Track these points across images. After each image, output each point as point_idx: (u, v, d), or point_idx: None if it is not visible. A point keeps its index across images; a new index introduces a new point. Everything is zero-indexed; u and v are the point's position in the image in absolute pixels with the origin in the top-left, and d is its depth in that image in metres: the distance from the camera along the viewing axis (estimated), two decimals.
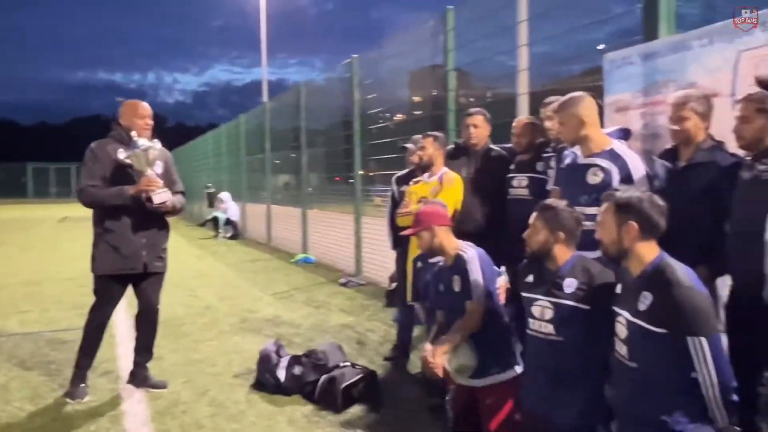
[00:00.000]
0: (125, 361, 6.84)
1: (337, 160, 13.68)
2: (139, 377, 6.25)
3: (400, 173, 7.09)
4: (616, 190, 3.63)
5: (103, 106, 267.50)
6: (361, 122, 12.07)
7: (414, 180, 6.38)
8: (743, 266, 3.84)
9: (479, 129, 6.43)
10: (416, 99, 11.97)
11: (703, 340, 3.17)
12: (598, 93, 5.20)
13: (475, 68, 9.41)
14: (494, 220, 6.14)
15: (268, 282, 12.40)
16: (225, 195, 22.50)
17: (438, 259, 4.80)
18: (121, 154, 5.65)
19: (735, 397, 3.23)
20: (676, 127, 4.34)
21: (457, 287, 4.50)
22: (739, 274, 3.93)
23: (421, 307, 5.45)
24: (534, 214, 4.03)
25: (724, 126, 4.24)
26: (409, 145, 6.84)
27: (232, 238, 21.48)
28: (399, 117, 11.96)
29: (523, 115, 6.86)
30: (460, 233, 4.97)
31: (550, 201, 4.10)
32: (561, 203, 4.03)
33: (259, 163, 20.31)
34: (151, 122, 5.87)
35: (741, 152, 4.06)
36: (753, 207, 3.77)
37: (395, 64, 11.33)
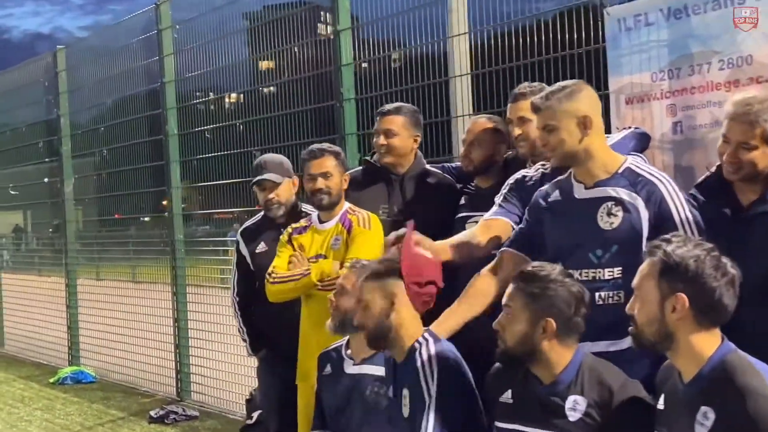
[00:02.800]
0: None
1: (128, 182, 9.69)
2: None
3: (249, 222, 5.49)
4: (664, 240, 2.87)
5: None
6: (179, 114, 8.67)
7: (294, 227, 4.85)
8: None
9: (400, 138, 4.89)
10: (266, 65, 8.57)
11: None
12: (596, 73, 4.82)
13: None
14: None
15: None
16: None
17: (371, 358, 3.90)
18: None
19: None
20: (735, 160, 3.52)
21: (405, 409, 3.50)
22: None
23: None
24: (508, 290, 3.29)
25: None
26: (268, 176, 5.12)
27: None
28: (232, 98, 9.01)
29: (481, 115, 5.13)
30: None
31: (533, 267, 3.31)
32: (551, 269, 3.25)
33: None
34: None
35: None
36: None
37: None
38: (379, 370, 3.96)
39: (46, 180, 11.35)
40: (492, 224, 4.05)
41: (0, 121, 12.24)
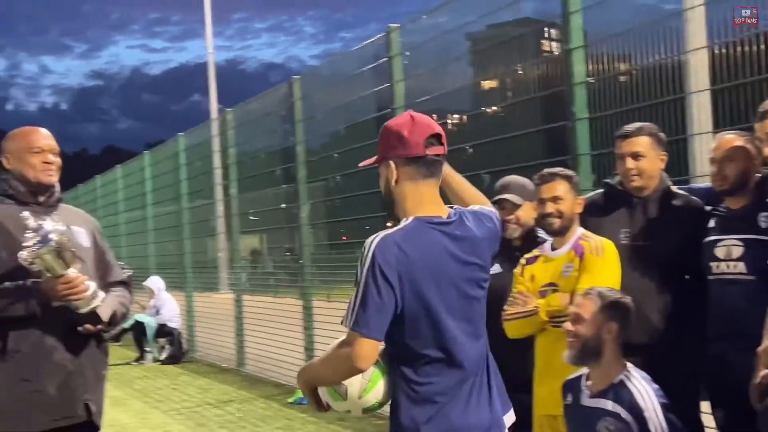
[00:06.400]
0: None
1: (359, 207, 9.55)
2: None
3: None
4: None
5: None
6: None
7: (527, 257, 4.71)
8: None
9: (647, 160, 4.60)
10: (487, 85, 8.38)
11: None
12: None
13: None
14: (683, 321, 4.42)
15: None
16: (154, 282, 14.82)
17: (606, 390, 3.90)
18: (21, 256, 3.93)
19: None
20: None
21: None
22: None
23: None
24: None
25: None
26: (509, 197, 4.97)
27: (171, 361, 14.44)
28: (454, 119, 8.74)
29: (728, 132, 4.64)
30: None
31: None
32: None
33: (209, 214, 14.43)
34: (55, 159, 4.25)
35: None
36: None
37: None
38: (615, 406, 3.90)
39: (283, 205, 11.62)
40: None
41: (241, 149, 12.78)
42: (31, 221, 3.99)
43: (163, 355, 14.59)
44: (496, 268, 5.18)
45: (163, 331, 14.62)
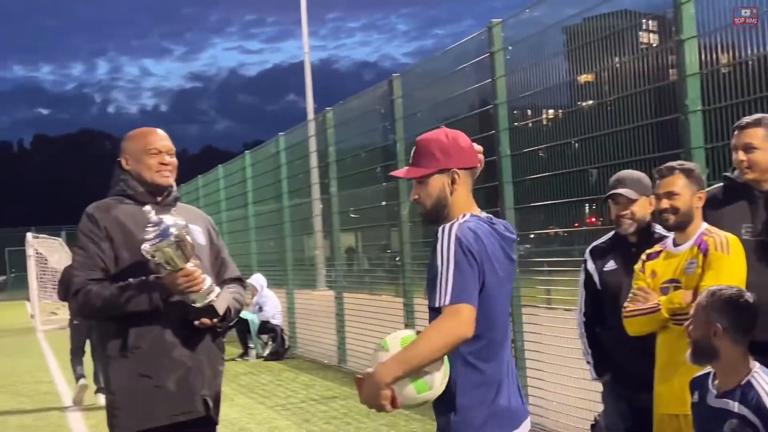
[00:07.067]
0: None
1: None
2: None
3: (599, 241, 5.18)
4: None
5: (16, 127, 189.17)
6: (510, 136, 8.52)
7: (648, 252, 4.55)
8: None
9: (761, 153, 4.50)
10: (584, 78, 8.14)
11: None
12: None
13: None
14: None
15: None
16: (256, 279, 15.05)
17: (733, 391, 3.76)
18: (144, 248, 4.02)
19: None
20: None
21: None
22: None
23: None
24: None
25: None
26: (623, 191, 4.86)
27: (274, 357, 14.69)
28: (550, 114, 8.69)
29: None
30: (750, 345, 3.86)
31: None
32: None
33: (308, 212, 14.89)
34: (171, 160, 4.31)
35: None
36: None
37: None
38: (741, 408, 3.75)
39: (383, 203, 11.66)
40: None
41: (340, 147, 12.84)
42: (152, 215, 4.05)
43: (266, 352, 14.81)
44: (610, 265, 5.12)
45: (265, 327, 14.83)
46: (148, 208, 4.09)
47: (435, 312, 3.12)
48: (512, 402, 3.25)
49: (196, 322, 4.17)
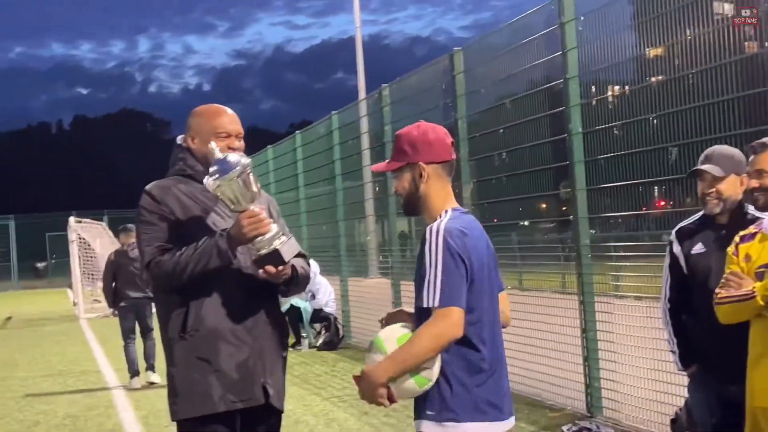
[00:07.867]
0: None
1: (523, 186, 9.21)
2: None
3: (687, 222, 4.89)
4: None
5: (55, 107, 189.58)
6: (582, 111, 8.03)
7: (741, 234, 4.28)
8: None
9: None
10: (655, 52, 7.71)
11: None
12: None
13: None
14: None
15: None
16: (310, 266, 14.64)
17: None
18: (208, 183, 3.99)
19: None
20: None
21: None
22: None
23: None
24: None
25: None
26: (707, 167, 4.59)
27: (327, 347, 14.11)
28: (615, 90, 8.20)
29: None
30: None
31: None
32: None
33: (361, 195, 14.31)
34: (239, 144, 4.25)
35: None
36: None
37: None
38: None
39: None
40: None
41: (397, 126, 12.37)
42: (217, 151, 4.06)
43: (320, 341, 14.34)
44: (698, 248, 4.76)
45: (319, 316, 14.44)
46: (213, 145, 4.10)
47: (422, 311, 3.31)
48: (504, 385, 3.49)
49: (260, 271, 4.11)
